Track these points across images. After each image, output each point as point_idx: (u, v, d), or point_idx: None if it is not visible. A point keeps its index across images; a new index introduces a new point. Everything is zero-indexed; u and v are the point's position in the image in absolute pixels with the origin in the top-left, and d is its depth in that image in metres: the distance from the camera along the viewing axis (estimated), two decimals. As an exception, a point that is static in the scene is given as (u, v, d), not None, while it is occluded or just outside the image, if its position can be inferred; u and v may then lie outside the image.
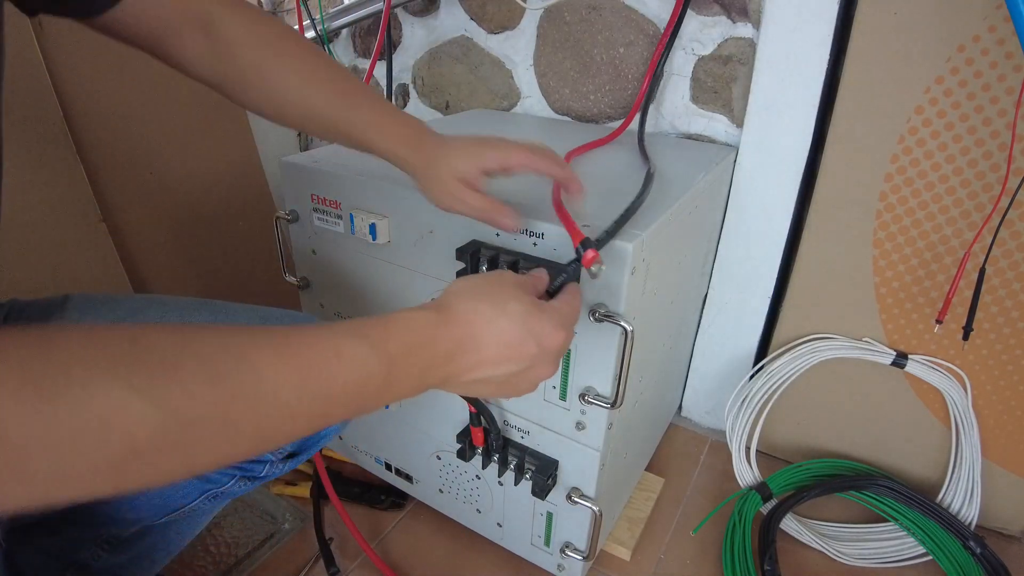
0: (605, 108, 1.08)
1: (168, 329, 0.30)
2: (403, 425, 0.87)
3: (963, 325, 0.83)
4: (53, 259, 0.99)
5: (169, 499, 0.66)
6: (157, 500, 0.66)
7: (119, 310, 0.61)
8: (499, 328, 0.41)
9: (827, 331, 0.96)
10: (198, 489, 0.66)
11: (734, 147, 0.94)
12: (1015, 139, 0.73)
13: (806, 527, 0.91)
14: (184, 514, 0.68)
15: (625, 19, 0.99)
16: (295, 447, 0.66)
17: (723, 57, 0.93)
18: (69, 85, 1.00)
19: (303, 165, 0.76)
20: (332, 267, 0.80)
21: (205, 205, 1.23)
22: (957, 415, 0.89)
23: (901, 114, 0.79)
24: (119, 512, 0.64)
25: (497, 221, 0.58)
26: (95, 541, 0.66)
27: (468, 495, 0.85)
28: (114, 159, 1.07)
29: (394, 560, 0.89)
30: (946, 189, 0.80)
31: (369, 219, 0.70)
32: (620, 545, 0.89)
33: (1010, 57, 0.71)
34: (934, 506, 0.90)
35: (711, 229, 0.95)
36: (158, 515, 0.66)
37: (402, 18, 1.26)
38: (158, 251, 1.17)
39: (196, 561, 0.88)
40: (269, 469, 0.66)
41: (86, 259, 1.03)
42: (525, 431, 0.73)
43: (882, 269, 0.88)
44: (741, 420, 0.98)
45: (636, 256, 0.57)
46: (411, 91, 1.33)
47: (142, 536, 0.68)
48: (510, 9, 1.11)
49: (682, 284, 0.85)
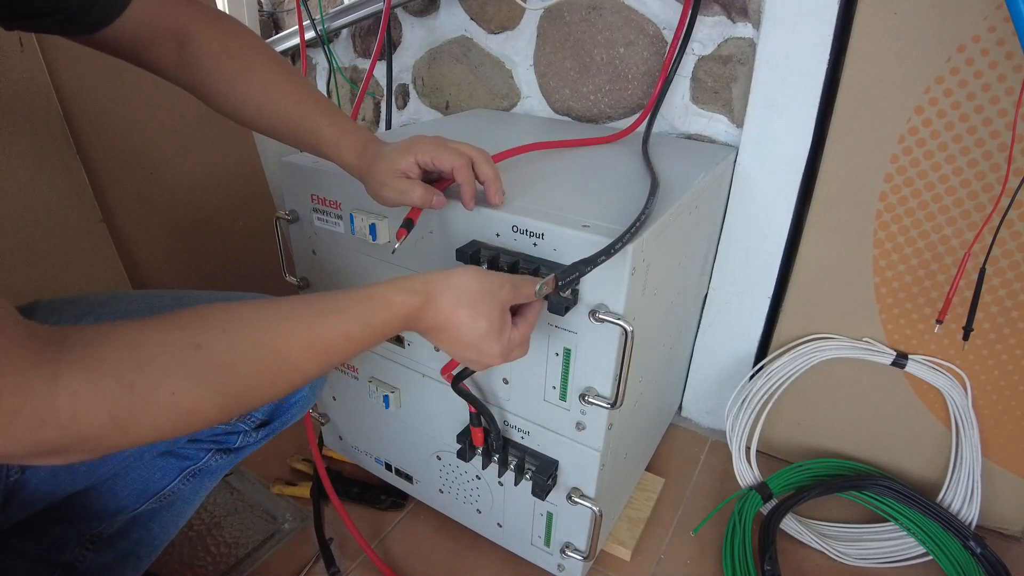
0: (605, 108, 1.08)
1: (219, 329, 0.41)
2: (403, 425, 0.87)
3: (963, 325, 0.83)
4: (53, 259, 0.99)
5: (148, 483, 0.67)
6: (137, 485, 0.66)
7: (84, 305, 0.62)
8: (461, 334, 0.52)
9: (827, 331, 0.96)
10: (176, 468, 0.67)
11: (734, 147, 0.94)
12: (1015, 139, 0.73)
13: (806, 527, 0.91)
14: (166, 500, 0.69)
15: (625, 19, 0.99)
16: (266, 415, 0.68)
17: (723, 57, 0.93)
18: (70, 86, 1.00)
19: (303, 165, 0.76)
20: (332, 267, 0.80)
21: (205, 205, 1.23)
22: (957, 415, 0.89)
23: (901, 114, 0.79)
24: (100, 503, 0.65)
25: (431, 203, 0.60)
26: (79, 541, 0.65)
27: (468, 495, 0.85)
28: (114, 159, 1.07)
29: (394, 560, 0.89)
30: (946, 189, 0.80)
31: (369, 219, 0.70)
32: (620, 545, 0.89)
33: (1010, 57, 0.71)
34: (934, 506, 0.90)
35: (711, 229, 0.95)
36: (139, 501, 0.67)
37: (402, 18, 1.26)
38: (158, 251, 1.17)
39: (196, 561, 0.88)
40: (243, 439, 0.67)
41: (86, 259, 1.03)
42: (525, 431, 0.73)
43: (882, 269, 0.88)
44: (741, 420, 0.98)
45: (636, 256, 0.57)
46: (411, 91, 1.33)
47: (126, 532, 0.68)
48: (510, 9, 1.11)
49: (682, 284, 0.85)
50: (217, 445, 0.68)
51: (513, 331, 0.54)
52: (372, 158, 0.61)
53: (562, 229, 0.59)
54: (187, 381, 0.38)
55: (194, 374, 0.38)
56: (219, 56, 0.60)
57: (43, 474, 0.58)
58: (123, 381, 0.35)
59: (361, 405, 0.91)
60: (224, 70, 0.60)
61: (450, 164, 0.60)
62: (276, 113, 0.62)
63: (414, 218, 0.61)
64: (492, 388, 0.74)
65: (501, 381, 0.72)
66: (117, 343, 0.36)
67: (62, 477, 0.59)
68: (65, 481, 0.60)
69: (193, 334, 0.39)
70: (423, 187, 0.59)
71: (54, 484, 0.59)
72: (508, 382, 0.72)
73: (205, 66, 0.60)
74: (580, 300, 0.61)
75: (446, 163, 0.59)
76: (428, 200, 0.59)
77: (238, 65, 0.61)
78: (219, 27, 0.61)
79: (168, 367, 0.37)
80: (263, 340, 0.42)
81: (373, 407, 0.88)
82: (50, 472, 0.58)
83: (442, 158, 0.59)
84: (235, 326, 0.41)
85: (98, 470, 0.61)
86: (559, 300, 0.58)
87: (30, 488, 0.57)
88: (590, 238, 0.58)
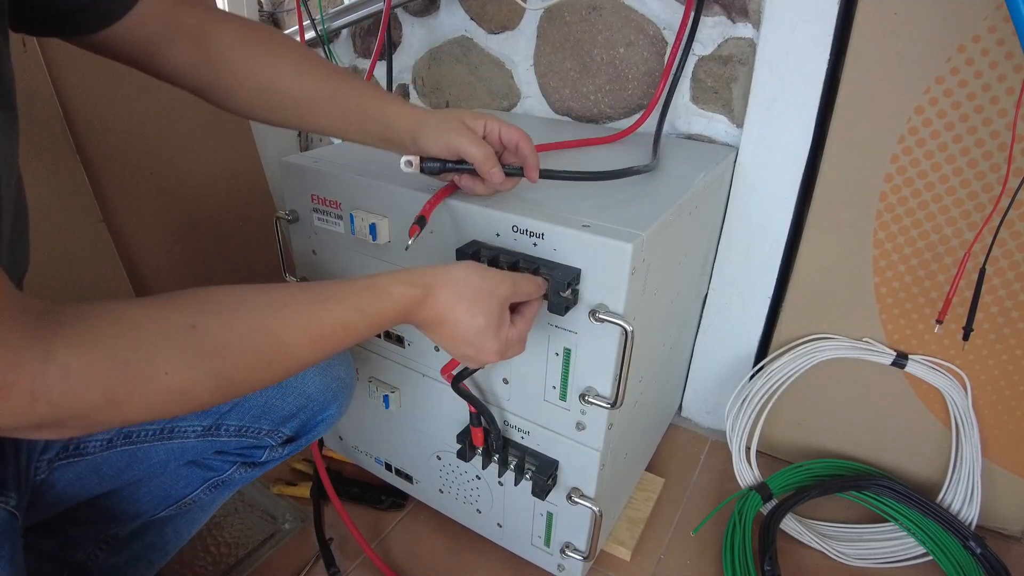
0: (605, 108, 1.08)
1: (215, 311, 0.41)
2: (403, 425, 0.87)
3: (963, 325, 0.83)
4: (53, 259, 0.99)
5: (171, 490, 0.67)
6: (159, 492, 0.66)
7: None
8: (459, 329, 0.52)
9: (827, 331, 0.96)
10: (200, 478, 0.67)
11: (734, 147, 0.94)
12: (1015, 139, 0.73)
13: (806, 527, 0.91)
14: (184, 507, 0.69)
15: (625, 19, 1.00)
16: (293, 431, 0.68)
17: (723, 57, 0.93)
18: (70, 86, 1.00)
19: (303, 165, 0.76)
20: (332, 267, 0.80)
21: (205, 205, 1.23)
22: (957, 415, 0.89)
23: (901, 114, 0.79)
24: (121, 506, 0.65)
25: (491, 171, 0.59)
26: (93, 541, 0.65)
27: (468, 495, 0.85)
28: (114, 160, 1.07)
29: (394, 560, 0.89)
30: (946, 189, 0.80)
31: (369, 219, 0.70)
32: (620, 545, 0.89)
33: (1010, 57, 0.71)
34: (934, 506, 0.90)
35: (711, 229, 0.95)
36: (159, 507, 0.67)
37: (402, 18, 1.26)
38: (158, 251, 1.17)
39: (196, 561, 0.88)
40: (269, 454, 0.67)
41: (86, 259, 1.03)
42: (525, 431, 0.73)
43: (882, 269, 0.88)
44: (741, 420, 0.98)
45: (636, 256, 0.57)
46: (411, 91, 1.33)
47: (140, 535, 0.68)
48: (510, 9, 1.11)
49: (682, 284, 0.85)
50: (243, 459, 0.68)
51: (511, 329, 0.54)
52: (430, 114, 0.60)
53: (562, 229, 0.59)
54: (181, 362, 0.38)
55: (188, 355, 0.38)
56: (239, 46, 0.58)
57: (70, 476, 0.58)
58: (117, 359, 0.35)
59: (361, 405, 0.91)
60: (246, 59, 0.59)
61: (517, 137, 0.60)
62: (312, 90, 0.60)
63: (427, 215, 0.61)
64: (492, 388, 0.74)
65: (501, 381, 0.72)
66: (113, 321, 0.36)
67: (88, 480, 0.59)
68: (91, 483, 0.60)
69: (190, 315, 0.39)
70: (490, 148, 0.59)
71: (80, 486, 0.59)
72: (508, 382, 0.72)
73: (225, 59, 0.58)
74: (580, 300, 0.61)
75: (514, 136, 0.61)
76: (490, 164, 0.59)
77: (260, 50, 0.59)
78: (232, 22, 0.59)
79: (163, 347, 0.37)
80: (259, 324, 0.42)
81: (373, 407, 0.88)
82: (76, 474, 0.58)
83: (511, 131, 0.61)
84: (232, 309, 0.41)
85: (124, 474, 0.61)
86: (559, 300, 0.58)
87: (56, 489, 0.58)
88: (590, 238, 0.58)
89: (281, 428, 0.67)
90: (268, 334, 0.42)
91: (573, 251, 0.59)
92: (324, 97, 0.61)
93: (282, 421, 0.67)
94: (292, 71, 0.60)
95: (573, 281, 0.58)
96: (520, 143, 0.61)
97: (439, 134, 0.59)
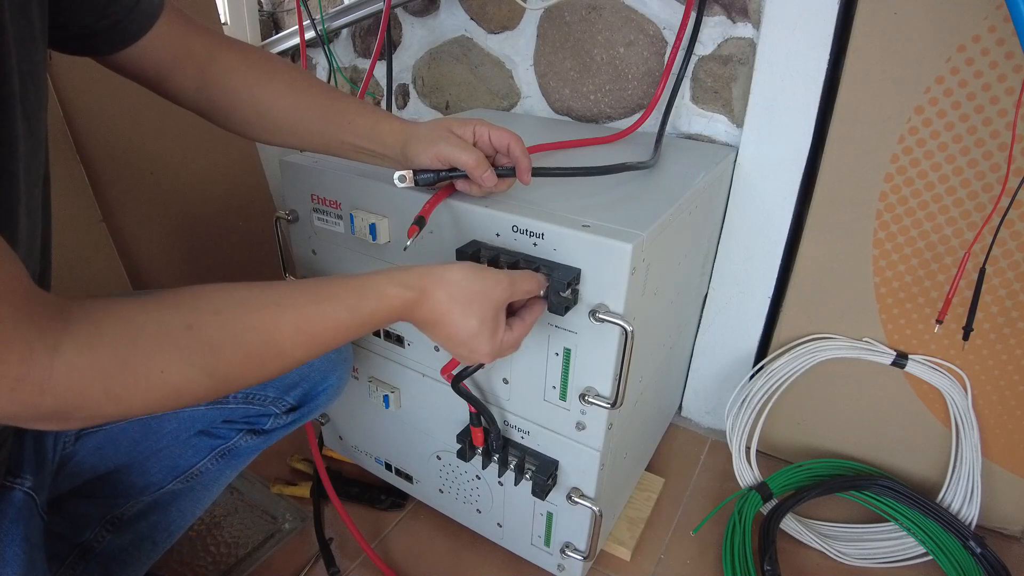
0: (605, 108, 1.08)
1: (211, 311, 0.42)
2: (403, 425, 0.87)
3: (963, 325, 0.83)
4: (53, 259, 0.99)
5: (179, 460, 0.69)
6: (168, 462, 0.69)
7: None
8: (453, 330, 0.52)
9: (827, 331, 0.96)
10: (207, 446, 0.70)
11: (734, 147, 0.94)
12: (1015, 139, 0.73)
13: (806, 527, 0.91)
14: (191, 479, 0.71)
15: (625, 19, 0.99)
16: (297, 400, 0.72)
17: (723, 57, 0.93)
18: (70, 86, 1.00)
19: (303, 165, 0.76)
20: (332, 267, 0.80)
21: (205, 205, 1.23)
22: (957, 415, 0.89)
23: (901, 114, 0.79)
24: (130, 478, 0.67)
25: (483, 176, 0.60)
26: (99, 521, 0.67)
27: (468, 495, 0.85)
28: (114, 159, 1.07)
29: (394, 560, 0.89)
30: (946, 189, 0.80)
31: (369, 219, 0.70)
32: (620, 545, 0.89)
33: (1010, 57, 0.71)
34: (934, 506, 0.90)
35: (711, 229, 0.95)
36: (168, 479, 0.69)
37: (402, 18, 1.26)
38: (158, 251, 1.17)
39: (196, 561, 0.88)
40: (273, 422, 0.71)
41: (86, 259, 1.03)
42: (525, 431, 0.73)
43: (882, 269, 0.88)
44: (741, 420, 0.98)
45: (636, 256, 0.57)
46: (411, 91, 1.33)
47: (145, 514, 0.70)
48: (510, 9, 1.11)
49: (682, 284, 0.85)
50: (248, 426, 0.71)
51: (507, 333, 0.55)
52: (418, 126, 0.62)
53: (562, 229, 0.59)
54: (176, 360, 0.40)
55: (183, 354, 0.40)
56: (242, 69, 0.62)
57: (90, 446, 0.61)
58: (117, 356, 0.37)
59: (361, 405, 0.91)
60: (247, 83, 0.62)
61: (507, 140, 0.61)
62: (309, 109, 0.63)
63: (426, 215, 0.61)
64: (492, 388, 0.74)
65: (501, 381, 0.72)
66: (116, 319, 0.39)
67: (107, 451, 0.63)
68: (109, 456, 0.63)
69: (186, 314, 0.41)
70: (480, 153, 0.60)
71: (99, 458, 0.63)
72: (508, 382, 0.72)
73: (229, 82, 0.62)
74: (580, 300, 0.61)
75: (504, 138, 0.61)
76: (482, 168, 0.59)
77: (259, 74, 0.63)
78: (235, 47, 0.63)
79: (160, 345, 0.39)
80: (253, 324, 0.43)
81: (373, 407, 0.88)
82: (96, 446, 0.62)
83: (501, 134, 0.61)
84: (227, 309, 0.43)
85: (139, 445, 0.65)
86: (559, 300, 0.58)
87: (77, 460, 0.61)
88: (590, 238, 0.58)
89: (285, 396, 0.71)
90: (262, 334, 0.44)
91: (573, 251, 0.59)
92: (318, 118, 0.63)
93: (286, 389, 0.71)
94: (289, 95, 0.63)
95: (573, 281, 0.58)
96: (511, 145, 0.61)
97: (428, 145, 0.60)
